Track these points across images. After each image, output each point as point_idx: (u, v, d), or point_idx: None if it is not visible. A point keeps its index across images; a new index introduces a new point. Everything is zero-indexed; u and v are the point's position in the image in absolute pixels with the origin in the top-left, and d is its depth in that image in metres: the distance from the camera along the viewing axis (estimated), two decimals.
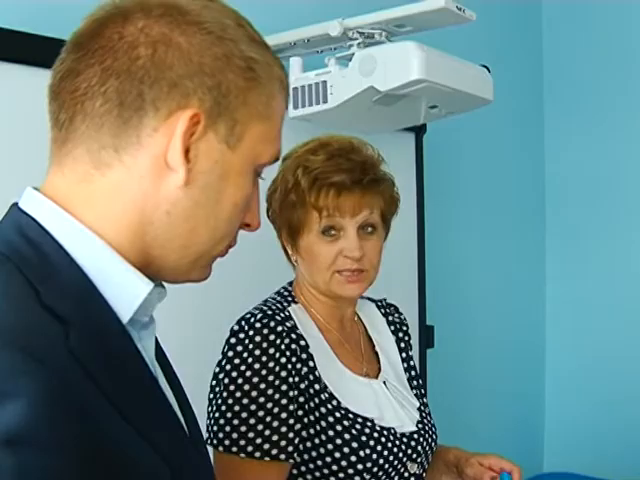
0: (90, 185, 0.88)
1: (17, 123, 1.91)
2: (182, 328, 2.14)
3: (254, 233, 1.03)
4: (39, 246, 0.85)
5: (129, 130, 0.87)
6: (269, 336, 1.54)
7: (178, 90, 0.86)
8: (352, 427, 1.58)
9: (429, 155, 3.08)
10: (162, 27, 0.87)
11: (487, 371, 3.53)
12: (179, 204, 0.89)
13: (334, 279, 1.65)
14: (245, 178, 0.94)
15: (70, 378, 0.76)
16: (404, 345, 1.83)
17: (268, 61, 0.94)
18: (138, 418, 0.84)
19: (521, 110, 3.83)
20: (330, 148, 1.66)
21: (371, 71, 2.04)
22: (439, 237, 3.20)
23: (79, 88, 0.87)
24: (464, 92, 2.17)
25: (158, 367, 1.00)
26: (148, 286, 0.90)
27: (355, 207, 1.62)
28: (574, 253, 3.90)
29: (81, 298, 0.84)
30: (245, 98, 0.90)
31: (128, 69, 0.86)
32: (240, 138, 0.91)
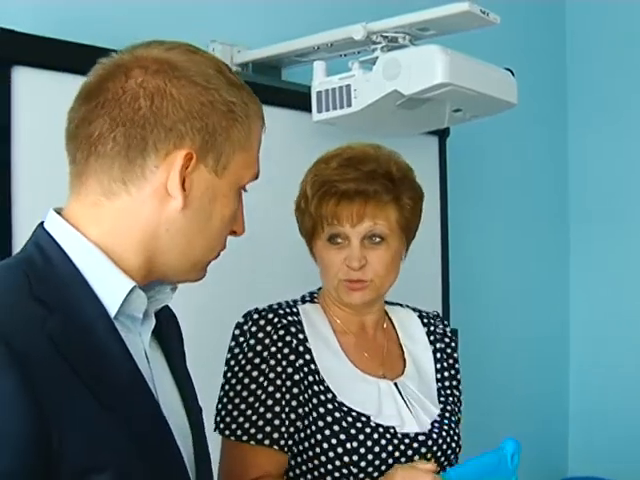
0: (99, 209, 1.09)
1: (49, 129, 1.93)
2: (200, 326, 2.16)
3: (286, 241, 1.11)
4: (46, 252, 1.06)
5: (135, 167, 1.06)
6: (265, 327, 1.63)
7: (173, 133, 1.06)
8: (343, 419, 1.59)
9: (452, 158, 3.07)
10: (157, 81, 1.06)
11: (510, 374, 3.51)
12: (177, 223, 1.09)
13: (340, 286, 1.68)
14: (230, 198, 1.14)
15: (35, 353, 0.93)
16: (442, 356, 1.82)
17: (245, 101, 1.13)
18: (108, 399, 1.00)
19: (545, 113, 3.82)
20: (340, 158, 1.68)
21: (395, 75, 2.04)
22: (463, 240, 3.19)
23: (93, 134, 1.07)
24: (488, 95, 2.17)
25: (157, 357, 1.19)
26: (130, 284, 1.07)
27: (354, 217, 1.63)
28: (598, 256, 3.88)
29: (72, 292, 1.04)
30: (228, 135, 1.10)
31: (132, 118, 1.05)
32: (225, 167, 1.11)
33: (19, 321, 0.96)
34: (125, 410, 1.02)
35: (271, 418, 1.57)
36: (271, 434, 1.57)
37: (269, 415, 1.58)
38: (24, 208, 1.88)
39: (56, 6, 2.00)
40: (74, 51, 1.97)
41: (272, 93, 2.38)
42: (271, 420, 1.57)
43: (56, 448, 0.93)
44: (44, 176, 1.91)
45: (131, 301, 1.09)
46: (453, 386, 1.81)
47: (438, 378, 1.78)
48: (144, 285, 1.13)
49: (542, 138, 3.80)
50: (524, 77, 2.46)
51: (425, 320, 1.85)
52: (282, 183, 2.41)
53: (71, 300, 1.03)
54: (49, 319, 0.98)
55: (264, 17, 2.52)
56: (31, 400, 0.92)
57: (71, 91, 1.96)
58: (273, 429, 1.57)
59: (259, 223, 2.31)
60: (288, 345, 1.62)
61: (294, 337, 1.64)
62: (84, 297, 1.05)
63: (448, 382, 1.80)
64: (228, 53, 2.38)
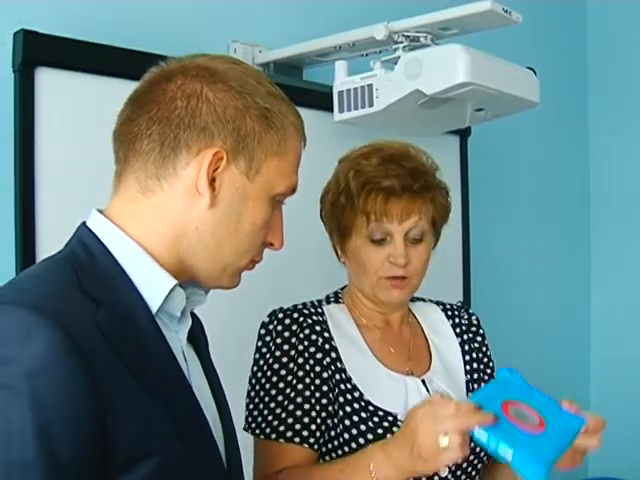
0: (136, 206, 1.13)
1: (73, 129, 1.95)
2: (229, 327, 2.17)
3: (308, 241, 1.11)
4: (90, 249, 1.10)
5: (168, 164, 1.11)
6: (291, 326, 1.64)
7: (206, 133, 1.10)
8: (369, 419, 1.59)
9: (473, 158, 3.07)
10: (195, 84, 1.11)
11: (530, 373, 3.50)
12: (206, 222, 1.12)
13: (380, 284, 1.67)
14: (262, 204, 1.15)
15: (89, 342, 0.97)
16: (470, 347, 1.80)
17: (282, 111, 1.16)
18: (153, 388, 1.04)
19: (566, 112, 3.80)
20: (382, 153, 1.67)
21: (417, 74, 2.04)
22: (484, 239, 3.18)
23: (132, 132, 1.12)
24: (510, 95, 2.16)
25: (191, 355, 1.22)
26: (172, 282, 1.12)
27: (403, 213, 1.63)
28: (619, 254, 3.86)
29: (116, 287, 1.08)
30: (260, 139, 1.12)
31: (168, 117, 1.10)
32: (257, 171, 1.13)
33: (72, 312, 1.00)
34: (168, 400, 1.06)
35: (301, 416, 1.58)
36: (300, 432, 1.57)
37: (299, 413, 1.58)
38: (48, 207, 1.90)
39: (79, 7, 2.01)
40: (97, 52, 1.99)
41: (293, 93, 2.34)
42: (301, 418, 1.58)
43: (111, 433, 0.97)
44: (68, 176, 1.93)
45: (172, 299, 1.13)
46: (483, 379, 1.79)
47: (467, 370, 1.77)
48: (181, 284, 1.16)
49: (563, 137, 3.79)
50: (545, 76, 2.44)
51: (449, 312, 1.84)
52: (304, 183, 2.41)
53: (116, 295, 1.07)
54: (97, 312, 1.02)
55: (285, 17, 2.53)
56: (90, 386, 0.96)
57: (94, 92, 1.99)
58: (303, 427, 1.57)
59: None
60: (314, 344, 1.63)
61: (320, 336, 1.64)
62: (127, 292, 1.09)
63: (477, 374, 1.78)
64: (249, 53, 2.39)
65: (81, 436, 0.94)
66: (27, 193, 1.88)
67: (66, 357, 0.94)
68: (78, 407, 0.94)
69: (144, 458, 1.00)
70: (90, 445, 0.95)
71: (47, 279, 1.08)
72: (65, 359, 0.94)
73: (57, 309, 0.98)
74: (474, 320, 1.86)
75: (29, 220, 1.87)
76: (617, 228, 3.86)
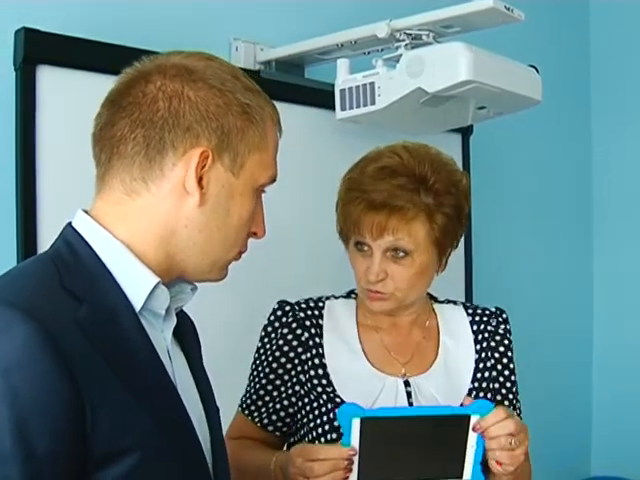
0: (122, 207, 1.14)
1: (74, 127, 1.95)
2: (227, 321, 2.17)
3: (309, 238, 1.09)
4: (74, 248, 1.11)
5: (154, 166, 1.11)
6: (281, 318, 1.73)
7: (190, 133, 1.10)
8: (331, 411, 1.63)
9: (476, 156, 3.06)
10: (175, 84, 1.11)
11: (533, 372, 3.50)
12: (195, 220, 1.13)
13: (363, 293, 1.70)
14: (247, 197, 1.17)
15: (67, 338, 0.98)
16: (488, 355, 1.77)
17: (260, 104, 1.17)
18: (134, 385, 1.04)
19: (568, 110, 3.80)
20: (376, 165, 1.65)
21: (419, 72, 2.03)
22: (486, 237, 3.18)
23: (115, 135, 1.12)
24: (513, 93, 2.16)
25: (178, 354, 1.23)
26: (155, 279, 1.12)
27: (375, 230, 1.60)
28: (621, 252, 3.85)
29: (99, 285, 1.08)
30: (243, 135, 1.14)
31: (151, 119, 1.10)
32: (242, 166, 1.15)
33: (51, 308, 1.01)
34: (149, 397, 1.07)
35: (260, 397, 1.71)
36: (256, 411, 1.72)
37: (261, 392, 1.71)
38: (49, 206, 1.90)
39: (80, 5, 2.01)
40: (99, 50, 1.99)
41: (295, 91, 2.39)
42: (258, 399, 1.71)
43: (89, 428, 0.97)
44: (69, 174, 1.93)
45: (155, 297, 1.13)
46: (495, 389, 1.76)
47: (476, 377, 1.73)
48: (166, 283, 1.16)
49: (565, 135, 3.78)
50: (548, 74, 2.44)
51: (477, 318, 1.80)
52: (305, 181, 2.42)
53: (98, 292, 1.08)
54: (78, 308, 1.03)
55: (287, 15, 2.52)
56: (67, 382, 0.96)
57: (96, 90, 1.97)
58: (257, 408, 1.72)
59: (282, 220, 2.33)
60: (297, 338, 1.70)
61: (306, 331, 1.70)
62: (110, 290, 1.09)
63: (487, 383, 1.74)
64: (251, 51, 2.39)
65: (58, 431, 0.95)
66: (28, 191, 1.88)
67: (43, 353, 0.95)
68: (55, 402, 0.95)
69: (124, 454, 1.01)
70: (67, 440, 0.96)
71: (27, 275, 1.10)
72: (42, 354, 0.95)
73: (35, 305, 0.99)
74: (501, 329, 1.81)
75: (30, 218, 1.88)
76: (619, 226, 3.85)
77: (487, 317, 1.81)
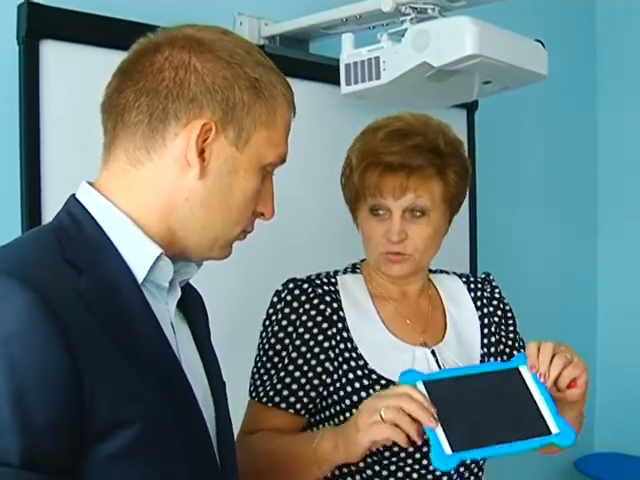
0: (126, 177, 1.13)
1: (78, 101, 1.94)
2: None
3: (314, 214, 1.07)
4: (77, 219, 1.11)
5: (157, 135, 1.10)
6: (300, 296, 1.67)
7: (194, 104, 1.09)
8: (371, 387, 1.60)
9: (481, 132, 3.05)
10: (183, 55, 1.11)
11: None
12: (196, 193, 1.12)
13: (380, 258, 1.69)
14: (252, 174, 1.15)
15: (67, 309, 0.98)
16: (490, 320, 1.80)
17: (271, 80, 1.15)
18: (134, 356, 1.04)
19: (574, 85, 3.78)
20: (388, 129, 1.66)
21: (424, 46, 2.02)
22: (491, 213, 3.18)
23: (120, 104, 1.12)
24: (518, 67, 2.14)
25: (182, 327, 1.22)
26: (157, 250, 1.11)
27: (397, 190, 1.62)
28: (626, 230, 3.86)
29: (101, 256, 1.08)
30: (250, 110, 1.12)
31: (156, 89, 1.10)
32: (247, 141, 1.13)
33: (52, 279, 1.00)
34: (150, 368, 1.06)
35: (290, 383, 1.62)
36: (288, 398, 1.62)
37: (288, 380, 1.62)
38: (53, 180, 1.90)
39: None
40: (102, 24, 1.98)
41: (300, 66, 2.37)
42: (290, 384, 1.62)
43: (88, 399, 0.97)
44: (73, 148, 1.93)
45: (158, 268, 1.13)
46: (504, 351, 1.79)
47: (484, 343, 1.76)
48: (169, 256, 1.15)
49: (571, 110, 3.77)
50: (554, 49, 2.43)
51: (472, 285, 1.84)
52: (311, 156, 2.41)
53: (100, 264, 1.07)
54: (79, 279, 1.03)
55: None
56: (66, 352, 0.96)
57: (99, 64, 1.98)
58: (290, 393, 1.62)
59: (287, 197, 2.32)
60: (321, 313, 1.65)
61: (328, 306, 1.66)
62: (113, 262, 1.09)
63: (494, 348, 1.77)
64: (255, 26, 2.38)
65: (56, 401, 0.95)
66: (32, 166, 1.88)
67: (42, 322, 0.95)
68: (53, 373, 0.95)
69: (124, 427, 1.00)
70: (66, 411, 0.95)
71: (28, 246, 1.10)
72: (41, 324, 0.95)
73: (35, 275, 0.99)
74: (496, 293, 1.85)
75: (35, 193, 1.88)
76: (625, 200, 3.85)
77: (480, 284, 1.85)
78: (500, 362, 1.53)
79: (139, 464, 1.02)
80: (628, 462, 3.66)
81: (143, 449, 1.02)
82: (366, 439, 1.34)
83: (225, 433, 1.25)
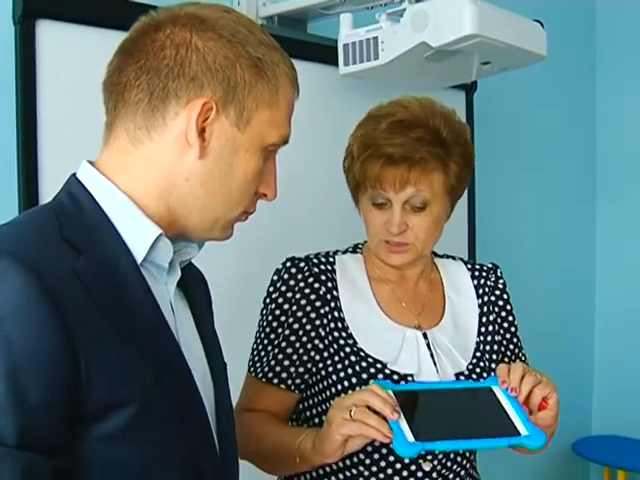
0: (126, 157, 1.12)
1: (74, 81, 1.93)
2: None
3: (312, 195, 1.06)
4: (77, 199, 1.11)
5: (157, 114, 1.10)
6: (297, 275, 1.69)
7: (195, 83, 1.08)
8: (357, 364, 1.61)
9: (479, 113, 3.04)
10: (184, 33, 1.10)
11: (533, 331, 3.51)
12: (197, 173, 1.11)
13: (380, 246, 1.69)
14: (253, 154, 1.14)
15: (64, 289, 0.97)
16: (490, 309, 1.80)
17: (274, 60, 1.14)
18: (132, 336, 1.04)
19: (573, 66, 3.77)
20: (391, 119, 1.64)
21: (423, 26, 2.01)
22: (489, 196, 3.17)
23: (121, 82, 1.11)
24: (517, 47, 2.13)
25: (182, 308, 1.22)
26: (157, 231, 1.11)
27: (398, 183, 1.61)
28: (624, 206, 3.87)
29: (100, 236, 1.08)
30: (251, 89, 1.11)
31: (157, 67, 1.09)
32: (248, 121, 1.12)
33: (49, 258, 1.00)
34: (147, 349, 1.06)
35: (282, 359, 1.65)
36: (280, 374, 1.65)
37: (281, 356, 1.66)
38: (50, 159, 1.89)
39: None
40: (99, 4, 1.97)
41: (298, 46, 2.35)
42: (282, 361, 1.66)
43: (84, 380, 0.97)
44: (70, 129, 1.92)
45: (157, 249, 1.12)
46: (500, 342, 1.79)
47: (481, 332, 1.76)
48: (170, 237, 1.15)
49: (570, 92, 3.77)
50: (553, 29, 2.41)
51: (476, 273, 1.83)
52: (309, 137, 2.40)
53: (99, 244, 1.07)
54: (77, 259, 1.02)
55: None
56: (62, 332, 0.95)
57: (96, 44, 1.97)
58: (282, 369, 1.65)
59: (285, 178, 2.32)
60: (315, 292, 1.67)
61: (323, 285, 1.68)
62: (112, 242, 1.09)
63: (491, 337, 1.77)
64: (253, 6, 2.36)
65: (52, 381, 0.95)
66: (29, 147, 1.87)
67: (37, 302, 0.95)
68: (49, 353, 0.95)
69: (120, 406, 1.00)
70: (61, 391, 0.96)
71: (26, 225, 1.09)
72: (36, 304, 0.95)
73: (32, 254, 0.99)
74: (500, 284, 1.85)
75: (32, 174, 1.87)
76: (623, 181, 3.86)
77: (486, 272, 1.85)
78: (472, 382, 1.56)
79: (135, 444, 1.03)
80: (625, 445, 3.67)
81: (139, 429, 1.02)
82: (337, 433, 1.39)
83: (225, 414, 1.24)
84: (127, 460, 1.03)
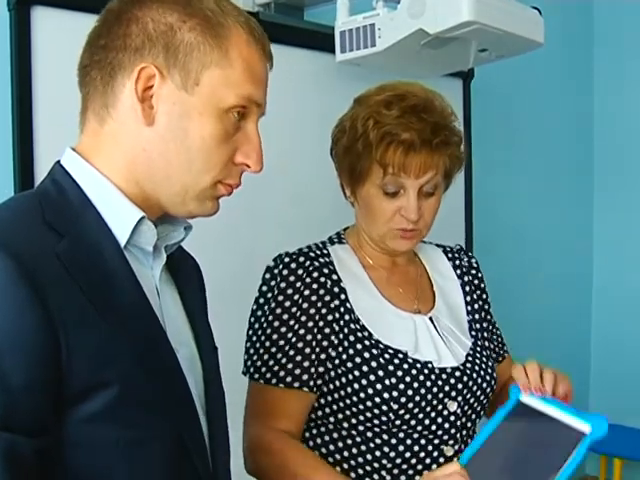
0: (97, 138, 1.13)
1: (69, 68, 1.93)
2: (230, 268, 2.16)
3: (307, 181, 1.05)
4: (60, 184, 1.11)
5: (109, 90, 1.11)
6: (297, 270, 1.62)
7: (137, 53, 1.09)
8: (380, 356, 1.59)
9: (476, 101, 3.04)
10: (130, 7, 1.11)
11: (531, 317, 3.52)
12: (152, 141, 1.10)
13: (389, 234, 1.66)
14: (209, 117, 1.11)
15: (45, 272, 0.98)
16: (470, 288, 1.81)
17: (221, 22, 1.12)
18: (114, 318, 1.03)
19: (570, 53, 3.76)
20: (404, 104, 1.62)
21: (420, 13, 2.00)
22: (486, 183, 3.17)
23: (83, 64, 1.14)
24: (515, 35, 2.13)
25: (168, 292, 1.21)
26: (139, 214, 1.11)
27: (421, 168, 1.60)
28: (621, 193, 3.88)
29: (83, 220, 1.08)
30: (193, 51, 1.10)
31: (105, 44, 1.11)
32: (196, 83, 1.10)
33: (30, 242, 1.01)
34: (129, 331, 1.06)
35: (301, 360, 1.58)
36: (300, 376, 1.58)
37: (299, 358, 1.58)
38: (45, 145, 1.89)
39: None
40: None
41: (294, 34, 2.35)
42: (301, 362, 1.58)
43: (65, 361, 0.97)
44: (64, 115, 1.90)
45: (141, 232, 1.12)
46: (484, 318, 1.80)
47: (468, 311, 1.77)
48: (154, 220, 1.15)
49: (567, 78, 3.76)
50: (550, 16, 2.41)
51: (450, 255, 1.84)
52: (306, 124, 2.40)
53: (81, 228, 1.08)
54: (58, 242, 1.03)
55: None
56: (42, 315, 0.96)
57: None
58: (303, 371, 1.58)
59: (281, 163, 2.31)
60: (323, 286, 1.62)
61: (328, 278, 1.63)
62: (94, 225, 1.09)
63: (478, 315, 1.78)
64: None
65: (33, 363, 0.95)
66: (25, 133, 1.87)
67: (18, 286, 0.95)
68: (29, 336, 0.95)
69: (102, 387, 1.00)
70: (42, 372, 0.96)
71: (9, 209, 1.10)
72: (17, 288, 0.95)
73: (13, 238, 0.99)
74: (474, 263, 1.86)
75: (27, 160, 1.87)
76: (620, 166, 3.86)
77: (458, 253, 1.86)
78: (501, 407, 1.52)
79: (118, 425, 1.03)
80: (622, 433, 3.67)
81: (122, 410, 1.02)
82: None
83: (214, 399, 1.24)
84: (110, 441, 1.03)
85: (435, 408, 1.59)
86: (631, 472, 3.54)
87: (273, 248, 1.72)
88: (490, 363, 1.71)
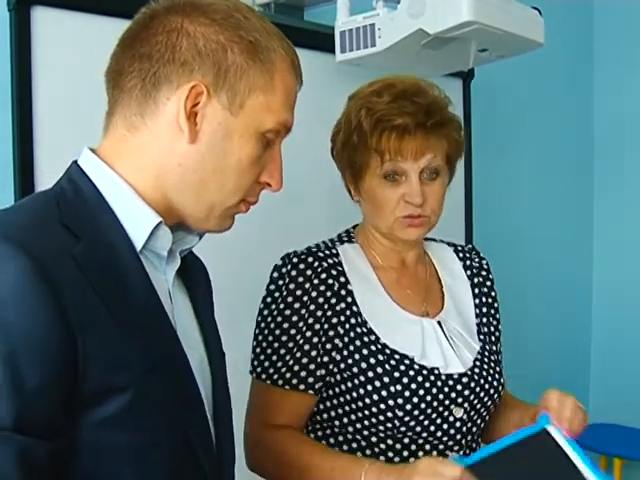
0: (124, 144, 1.13)
1: (69, 68, 1.93)
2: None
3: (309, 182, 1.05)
4: (78, 185, 1.12)
5: (150, 100, 1.11)
6: (306, 271, 1.62)
7: (185, 68, 1.09)
8: (386, 362, 1.58)
9: (476, 101, 3.04)
10: (176, 19, 1.11)
11: (532, 317, 3.51)
12: (189, 158, 1.11)
13: (397, 223, 1.64)
14: (248, 140, 1.13)
15: (62, 274, 0.98)
16: (480, 290, 1.79)
17: (270, 45, 1.13)
18: (128, 322, 1.04)
19: (570, 53, 3.76)
20: (394, 90, 1.63)
21: (420, 13, 2.00)
22: (486, 183, 3.17)
23: (116, 70, 1.14)
24: (515, 35, 2.13)
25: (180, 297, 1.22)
26: (156, 219, 1.12)
27: (417, 151, 1.60)
28: (621, 194, 3.87)
29: (100, 223, 1.09)
30: (243, 74, 1.11)
31: (149, 53, 1.10)
32: (241, 106, 1.11)
33: (47, 243, 1.01)
34: (143, 336, 1.06)
35: (307, 363, 1.58)
36: (306, 379, 1.58)
37: (305, 360, 1.58)
38: (45, 145, 1.89)
39: None
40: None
41: (294, 34, 2.29)
42: (307, 365, 1.58)
43: (81, 366, 0.98)
44: (64, 115, 1.91)
45: (157, 237, 1.13)
46: (492, 323, 1.78)
47: (477, 313, 1.75)
48: (169, 225, 1.15)
49: (567, 79, 3.76)
50: (550, 16, 2.41)
51: (461, 254, 1.83)
52: (306, 124, 2.39)
53: (98, 230, 1.08)
54: (75, 244, 1.03)
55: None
56: (59, 317, 0.96)
57: (90, 31, 1.97)
58: (309, 374, 1.58)
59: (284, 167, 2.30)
60: (330, 288, 1.61)
61: (336, 280, 1.62)
62: (111, 228, 1.10)
63: (486, 318, 1.77)
64: None
65: (48, 366, 0.96)
66: (25, 134, 1.86)
67: (35, 287, 0.95)
68: (46, 338, 0.95)
69: (116, 392, 1.01)
70: (58, 375, 0.96)
71: (26, 211, 1.10)
72: (34, 289, 0.95)
73: (30, 239, 0.99)
74: (484, 264, 1.84)
75: (27, 159, 1.86)
76: (620, 165, 3.85)
77: (469, 253, 1.84)
78: (527, 427, 1.52)
79: (131, 431, 1.03)
80: (622, 433, 3.67)
81: (135, 416, 1.03)
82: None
83: (222, 402, 1.25)
84: (122, 446, 1.03)
85: (441, 415, 1.58)
86: (631, 472, 3.53)
87: (273, 248, 1.73)
88: (498, 368, 1.70)
